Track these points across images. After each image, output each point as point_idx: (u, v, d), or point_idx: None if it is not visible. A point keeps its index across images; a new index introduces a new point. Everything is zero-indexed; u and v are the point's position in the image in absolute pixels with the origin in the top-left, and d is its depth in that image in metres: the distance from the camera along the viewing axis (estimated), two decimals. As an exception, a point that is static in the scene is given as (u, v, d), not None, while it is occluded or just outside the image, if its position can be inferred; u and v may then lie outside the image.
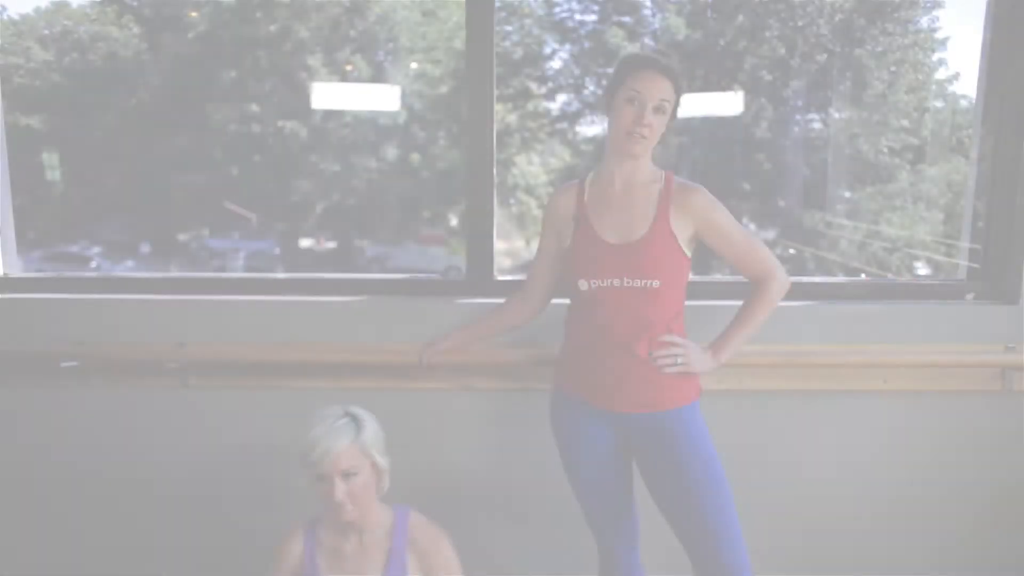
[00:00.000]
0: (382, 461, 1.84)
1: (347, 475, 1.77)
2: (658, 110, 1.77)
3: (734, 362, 2.21)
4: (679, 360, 1.86)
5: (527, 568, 2.51)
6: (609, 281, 1.84)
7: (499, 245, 2.45)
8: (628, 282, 1.82)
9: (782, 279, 1.92)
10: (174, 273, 2.64)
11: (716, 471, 1.86)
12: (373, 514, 1.84)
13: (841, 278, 2.58)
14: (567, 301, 2.03)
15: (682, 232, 1.83)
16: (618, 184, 1.88)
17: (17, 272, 2.57)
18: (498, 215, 2.42)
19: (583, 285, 1.88)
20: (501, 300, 2.37)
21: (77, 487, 2.52)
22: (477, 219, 2.41)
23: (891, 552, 2.47)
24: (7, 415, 2.48)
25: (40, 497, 2.53)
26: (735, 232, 1.88)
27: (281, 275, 2.52)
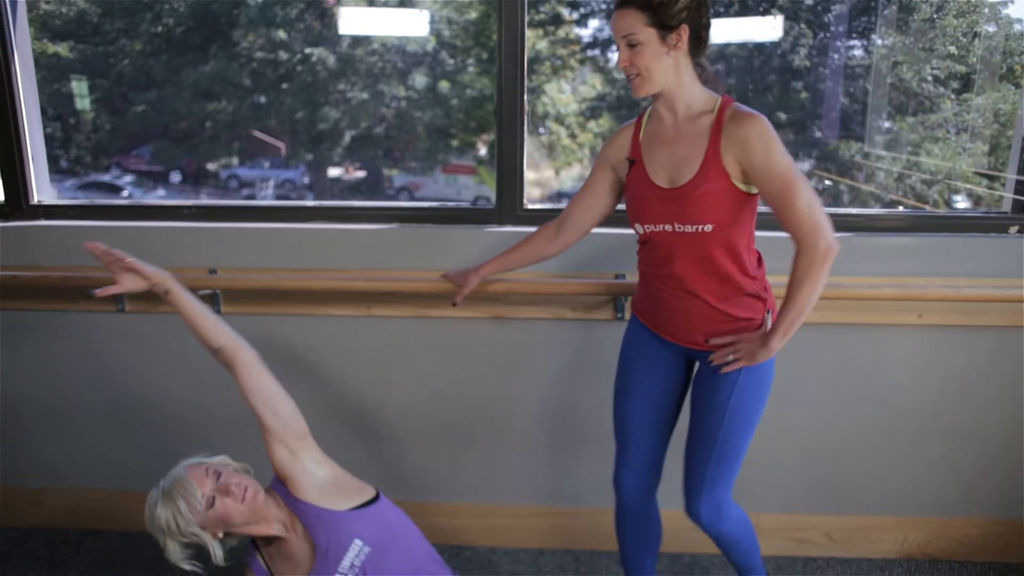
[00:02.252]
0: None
1: (223, 495, 1.74)
2: (630, 45, 1.67)
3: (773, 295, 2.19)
4: (732, 358, 1.77)
5: (544, 497, 2.56)
6: (661, 226, 1.76)
7: (529, 175, 2.42)
8: (679, 227, 1.73)
9: (822, 246, 1.63)
10: (205, 200, 2.65)
11: (749, 420, 1.83)
12: (268, 514, 1.82)
13: (878, 209, 2.52)
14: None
15: (733, 167, 1.67)
16: (667, 121, 1.76)
17: (50, 199, 2.59)
18: (528, 144, 2.39)
19: (638, 229, 1.82)
20: (531, 229, 2.36)
21: (110, 409, 2.59)
22: (507, 148, 2.37)
23: (921, 485, 2.47)
24: (43, 339, 2.54)
25: (74, 417, 2.61)
26: (774, 169, 1.62)
27: (311, 203, 2.51)
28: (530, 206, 2.42)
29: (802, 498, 2.44)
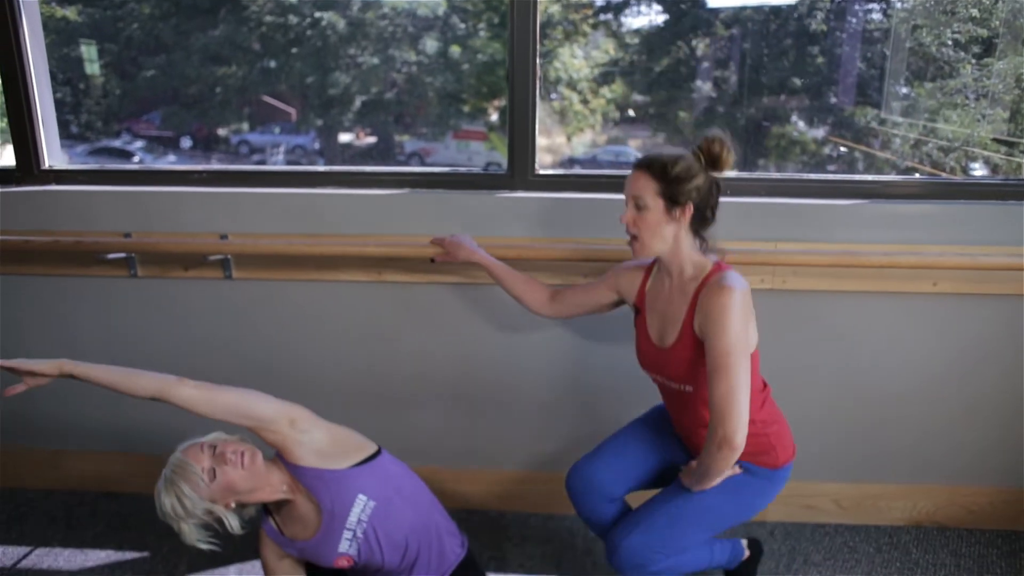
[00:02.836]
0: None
1: (221, 464, 1.77)
2: (638, 207, 1.75)
3: (783, 262, 2.19)
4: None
5: (554, 463, 2.57)
6: (656, 376, 1.90)
7: (540, 141, 2.40)
8: (667, 382, 1.86)
9: (719, 434, 1.64)
10: (216, 166, 2.64)
11: (714, 518, 1.86)
12: (271, 478, 1.84)
13: (894, 176, 2.49)
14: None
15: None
16: (665, 283, 1.85)
17: (61, 164, 2.59)
18: (540, 110, 2.36)
19: (643, 369, 1.94)
20: (544, 195, 2.35)
21: (130, 373, 2.61)
22: (519, 113, 2.35)
23: (931, 454, 2.47)
24: (56, 303, 2.56)
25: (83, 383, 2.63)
26: (716, 343, 1.64)
27: (322, 168, 2.50)
28: (542, 171, 2.40)
29: (812, 466, 2.44)
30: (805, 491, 2.52)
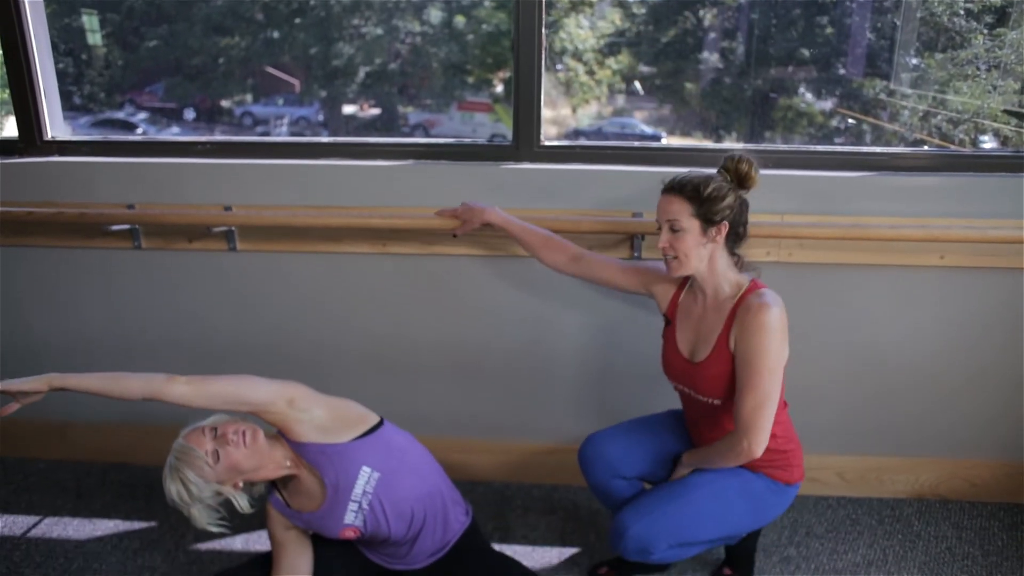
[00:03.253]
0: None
1: (223, 445, 1.78)
2: (673, 230, 1.78)
3: (789, 234, 2.17)
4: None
5: (558, 434, 2.58)
6: (681, 387, 1.94)
7: (545, 113, 2.38)
8: (695, 395, 1.89)
9: (743, 445, 1.74)
10: (220, 137, 2.63)
11: (722, 515, 1.89)
12: (275, 455, 1.85)
13: (902, 148, 2.47)
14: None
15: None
16: (699, 299, 1.89)
17: (64, 135, 2.58)
18: (545, 81, 2.34)
19: (667, 377, 1.98)
20: (549, 166, 2.34)
21: (128, 344, 2.62)
22: (524, 84, 2.33)
23: (935, 427, 2.48)
24: (60, 275, 2.56)
25: (93, 353, 2.64)
26: (752, 358, 1.71)
27: (326, 139, 2.48)
28: (547, 143, 2.39)
29: (815, 438, 2.45)
30: (808, 464, 2.52)
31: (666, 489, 1.90)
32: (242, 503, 1.82)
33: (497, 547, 2.20)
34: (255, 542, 2.35)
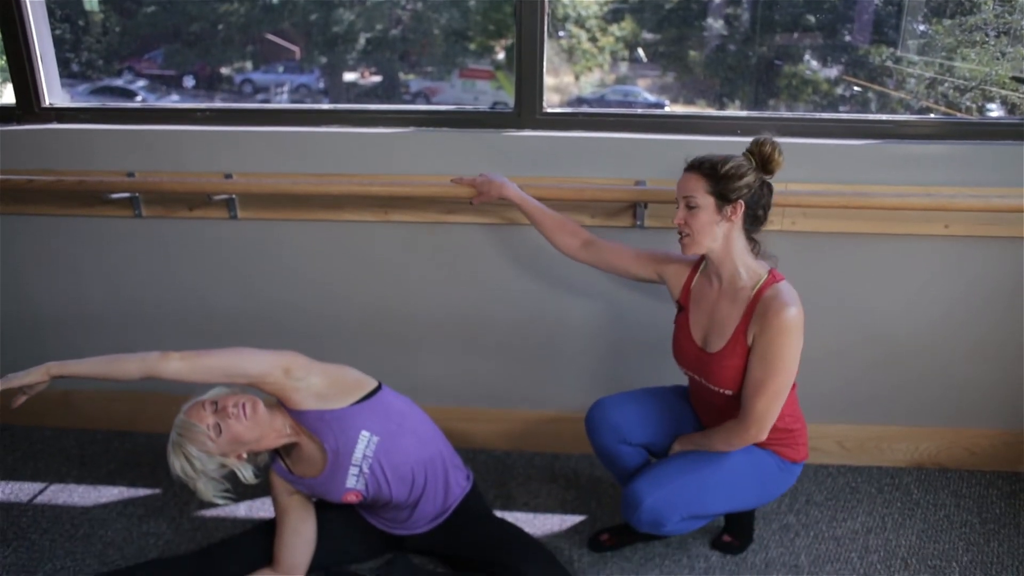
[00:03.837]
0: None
1: (224, 418, 1.79)
2: (689, 207, 1.77)
3: (793, 203, 2.16)
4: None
5: (560, 403, 2.59)
6: (692, 374, 1.94)
7: (548, 80, 2.35)
8: (706, 383, 1.89)
9: (751, 433, 1.80)
10: (220, 104, 2.62)
11: (732, 487, 1.91)
12: (275, 424, 1.87)
13: (907, 116, 2.44)
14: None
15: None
16: (714, 284, 1.87)
17: (62, 102, 2.56)
18: (547, 48, 2.31)
19: (676, 363, 1.98)
20: (552, 133, 2.32)
21: (129, 312, 2.63)
22: (527, 50, 2.30)
23: (935, 396, 2.48)
24: (58, 244, 2.55)
25: (94, 321, 2.64)
26: (771, 358, 1.73)
27: (326, 106, 2.46)
28: (550, 110, 2.36)
29: (816, 407, 2.45)
30: (809, 433, 2.52)
31: (679, 462, 1.90)
32: (246, 474, 1.83)
33: (499, 514, 2.22)
34: (258, 509, 2.37)
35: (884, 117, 2.32)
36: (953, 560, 2.15)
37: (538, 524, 2.30)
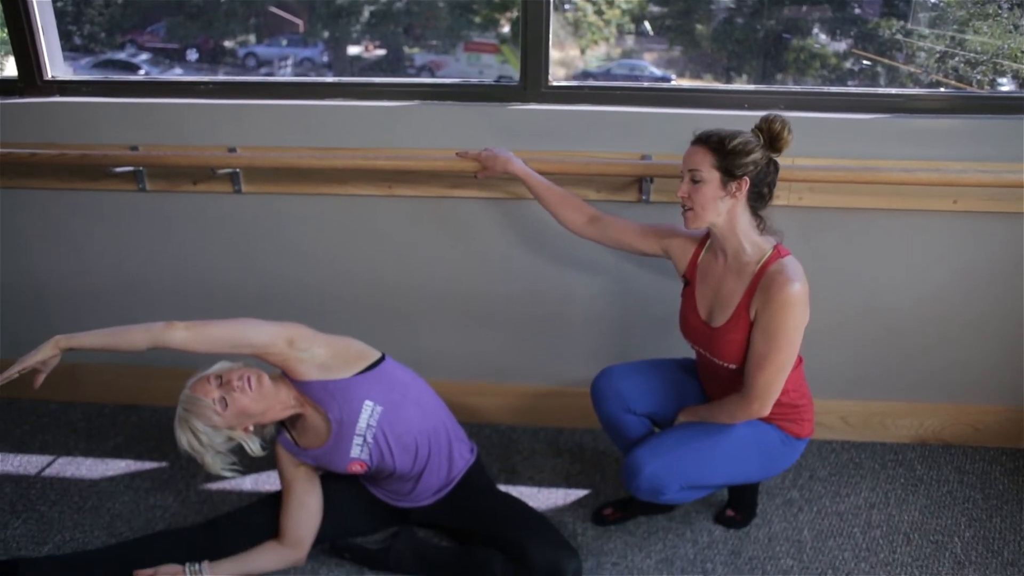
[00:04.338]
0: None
1: (229, 392, 1.79)
2: (694, 180, 1.76)
3: (800, 178, 2.14)
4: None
5: (564, 378, 2.59)
6: (698, 348, 1.94)
7: (553, 54, 2.33)
8: (710, 357, 1.89)
9: (754, 407, 1.80)
10: (223, 77, 2.60)
11: (736, 459, 1.91)
12: (280, 395, 1.87)
13: (916, 89, 2.42)
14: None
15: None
16: (719, 259, 1.87)
17: (65, 75, 2.54)
18: (552, 21, 2.28)
19: (683, 337, 1.98)
20: (557, 107, 2.30)
21: (134, 285, 2.63)
22: (532, 21, 2.27)
23: (940, 372, 2.48)
24: (62, 218, 2.55)
25: (100, 295, 2.65)
26: (773, 333, 1.73)
27: (330, 79, 2.44)
28: (555, 83, 2.34)
29: (820, 383, 2.45)
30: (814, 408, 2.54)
31: (681, 432, 1.91)
32: (253, 447, 1.85)
33: (503, 488, 2.23)
34: (264, 482, 2.38)
35: (893, 91, 2.30)
36: (955, 535, 2.16)
37: (542, 498, 2.31)
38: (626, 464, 1.88)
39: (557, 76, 2.36)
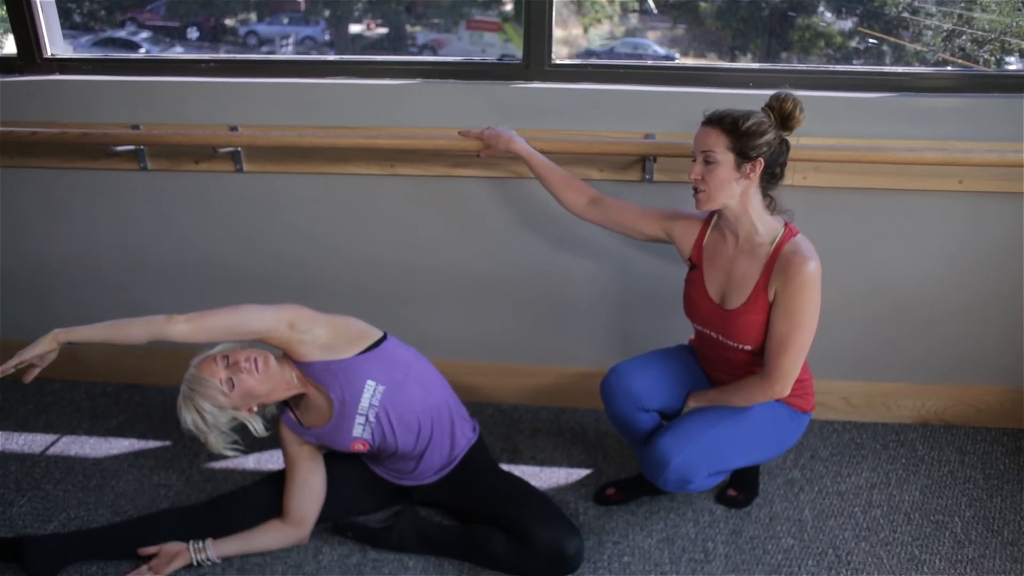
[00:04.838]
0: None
1: (236, 373, 1.80)
2: (707, 162, 1.74)
3: (805, 157, 2.13)
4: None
5: (567, 357, 2.59)
6: (709, 331, 1.91)
7: (556, 32, 2.31)
8: (723, 340, 1.87)
9: (776, 389, 1.81)
10: (224, 55, 2.59)
11: (753, 441, 1.93)
12: (285, 376, 1.88)
13: (922, 68, 2.40)
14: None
15: (773, 296, 1.78)
16: (729, 241, 1.85)
17: (64, 53, 2.52)
18: (556, -2, 2.26)
19: (689, 321, 1.97)
20: (561, 85, 2.28)
21: (135, 265, 2.63)
22: (535, 1, 2.25)
23: (942, 353, 2.48)
24: (63, 197, 2.55)
25: (101, 274, 2.65)
26: (793, 315, 1.73)
27: (331, 57, 2.42)
28: (558, 61, 2.32)
29: (823, 363, 2.45)
30: (815, 388, 2.53)
31: (701, 418, 1.90)
32: (257, 426, 1.86)
33: (505, 468, 2.24)
34: (267, 461, 2.39)
35: (899, 69, 2.28)
36: (956, 515, 2.17)
37: (544, 478, 2.32)
38: (649, 459, 1.87)
39: (560, 55, 2.34)
